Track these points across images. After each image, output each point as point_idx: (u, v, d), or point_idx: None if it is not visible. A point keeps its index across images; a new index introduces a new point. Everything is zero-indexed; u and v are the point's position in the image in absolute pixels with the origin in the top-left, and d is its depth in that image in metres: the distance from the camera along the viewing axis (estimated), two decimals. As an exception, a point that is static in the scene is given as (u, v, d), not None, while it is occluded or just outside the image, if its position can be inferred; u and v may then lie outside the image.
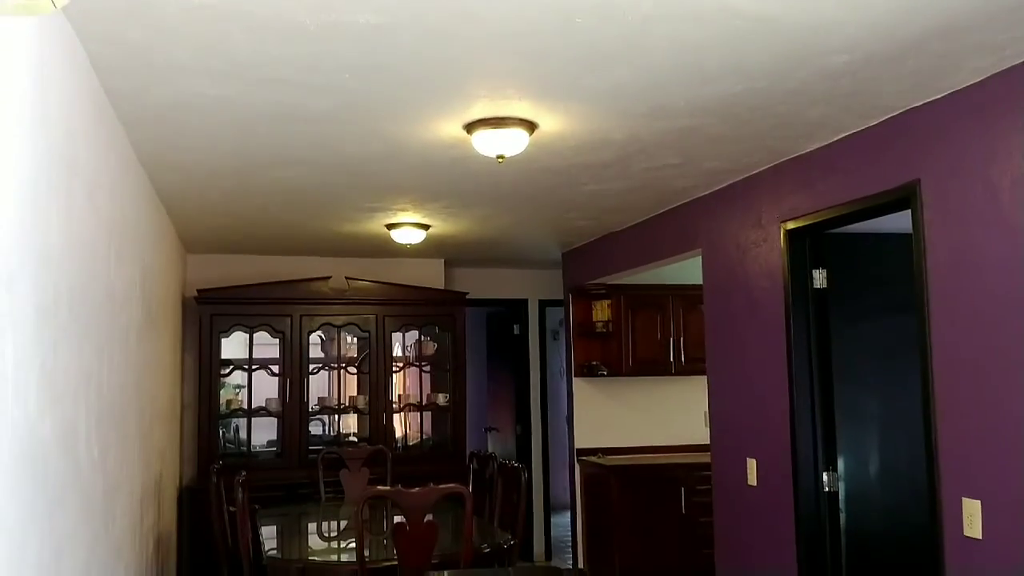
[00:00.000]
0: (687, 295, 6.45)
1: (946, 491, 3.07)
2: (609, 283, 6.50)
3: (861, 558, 3.86)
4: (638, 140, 3.69)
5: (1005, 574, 2.83)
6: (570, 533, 7.01)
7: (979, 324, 2.96)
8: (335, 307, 6.54)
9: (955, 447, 3.04)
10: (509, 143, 3.41)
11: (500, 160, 3.52)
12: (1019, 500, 2.79)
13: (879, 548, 3.86)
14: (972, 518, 2.95)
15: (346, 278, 6.58)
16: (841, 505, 3.88)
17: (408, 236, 5.51)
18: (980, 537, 2.92)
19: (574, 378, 6.84)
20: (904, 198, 3.30)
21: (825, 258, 3.99)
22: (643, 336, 6.58)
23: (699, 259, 4.90)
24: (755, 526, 4.27)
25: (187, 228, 5.58)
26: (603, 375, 6.66)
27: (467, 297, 6.89)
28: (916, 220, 3.23)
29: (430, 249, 6.51)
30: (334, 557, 4.39)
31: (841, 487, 3.89)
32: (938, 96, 3.14)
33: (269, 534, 4.69)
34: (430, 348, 7.03)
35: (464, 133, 3.46)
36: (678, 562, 6.01)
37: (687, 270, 5.57)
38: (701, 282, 4.87)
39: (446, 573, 3.28)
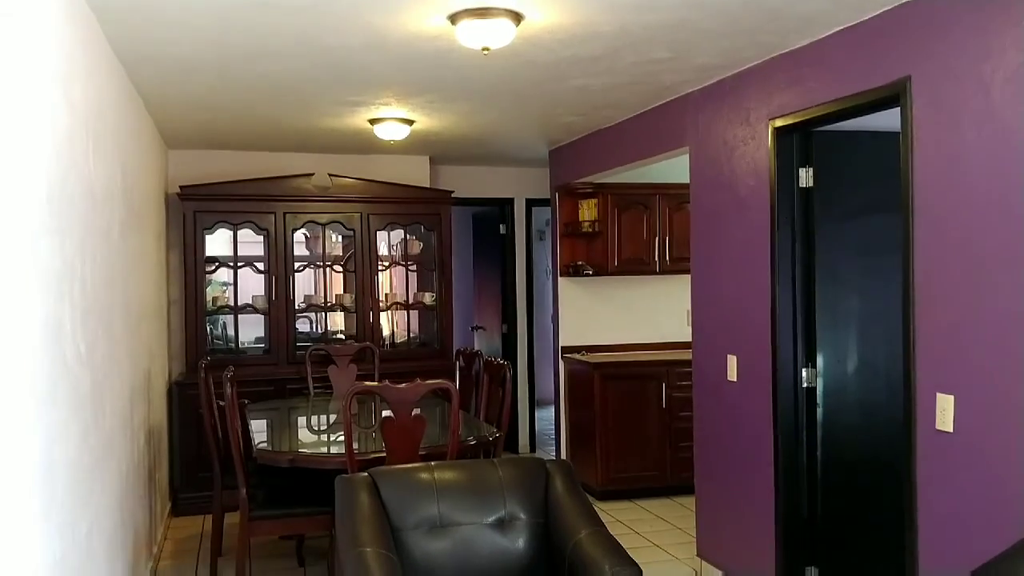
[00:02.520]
0: (674, 194, 6.44)
1: (921, 386, 3.14)
2: (596, 182, 6.46)
3: (836, 451, 3.98)
4: (627, 33, 3.61)
5: (974, 465, 2.93)
6: (554, 427, 7.18)
7: (963, 224, 2.97)
8: (319, 204, 6.49)
9: (932, 344, 3.10)
10: (494, 34, 3.32)
11: (485, 52, 3.44)
12: (991, 396, 2.87)
13: (854, 441, 3.98)
14: (945, 412, 3.03)
15: (329, 175, 6.51)
16: (818, 400, 3.98)
17: (391, 132, 5.42)
18: (951, 431, 3.01)
19: (560, 278, 6.88)
20: (894, 95, 3.26)
21: (812, 156, 3.97)
22: (629, 235, 6.59)
23: (687, 157, 4.86)
24: (733, 421, 4.38)
25: (167, 123, 5.47)
26: (588, 275, 6.70)
27: (453, 196, 6.84)
28: (905, 118, 3.20)
29: (414, 146, 6.42)
30: (324, 449, 4.49)
31: (819, 383, 3.98)
32: (934, -11, 3.06)
33: (259, 428, 4.78)
34: (416, 247, 7.02)
35: (448, 24, 3.37)
36: (657, 455, 6.19)
37: (674, 169, 5.54)
38: (688, 181, 4.85)
39: (433, 464, 3.36)
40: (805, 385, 3.98)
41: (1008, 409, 2.80)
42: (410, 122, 5.41)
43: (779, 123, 3.96)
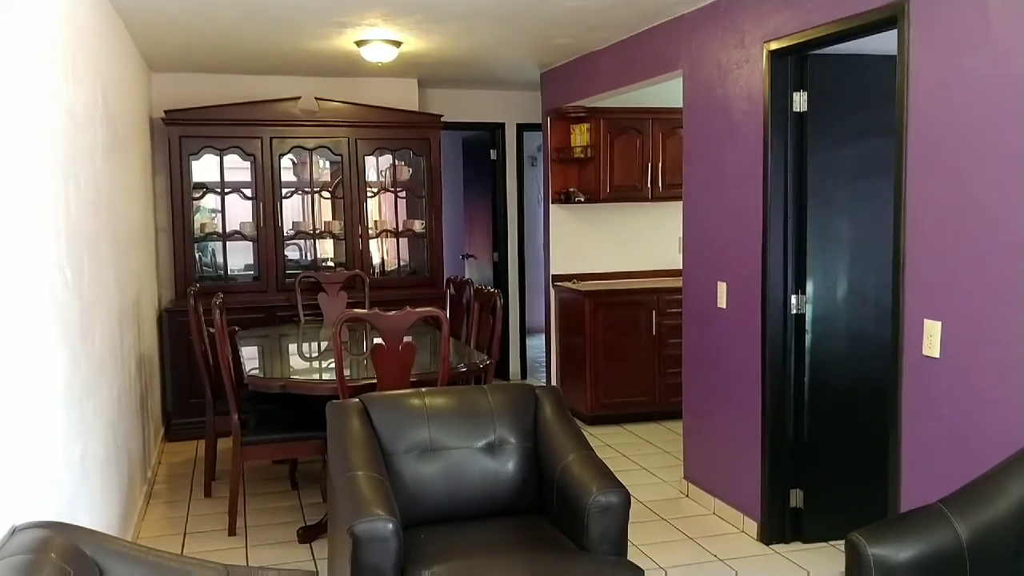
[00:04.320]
0: (667, 118, 6.35)
1: (909, 312, 3.16)
2: (589, 106, 6.36)
3: (823, 377, 4.02)
4: (620, -49, 3.50)
5: (958, 389, 2.97)
6: (544, 354, 7.23)
7: (957, 149, 2.94)
8: (306, 129, 6.38)
9: (922, 271, 3.10)
10: (484, -48, 3.22)
11: (474, -29, 3.34)
12: (978, 322, 2.88)
13: (841, 367, 4.02)
14: (932, 338, 3.05)
15: (316, 99, 6.39)
16: (807, 326, 4.00)
17: (379, 53, 5.30)
18: (938, 356, 3.03)
19: (551, 205, 6.83)
20: (891, 17, 3.19)
21: (806, 80, 3.91)
22: (622, 161, 6.51)
23: (680, 81, 4.78)
24: (722, 347, 4.41)
25: (149, 45, 5.33)
26: (580, 202, 6.65)
27: (442, 120, 6.73)
28: (902, 40, 3.14)
29: (403, 68, 6.30)
30: (315, 376, 4.51)
31: (808, 309, 3.99)
32: (938, -96, 2.97)
33: (250, 355, 4.79)
34: (405, 173, 6.95)
35: (436, -59, 3.26)
36: (646, 381, 6.25)
37: (668, 93, 5.45)
38: (681, 105, 4.77)
39: (424, 390, 3.38)
40: (794, 311, 4.00)
41: (994, 336, 2.81)
42: (398, 44, 5.29)
43: (774, 46, 3.88)
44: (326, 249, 7.16)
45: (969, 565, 2.27)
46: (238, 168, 6.45)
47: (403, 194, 7.01)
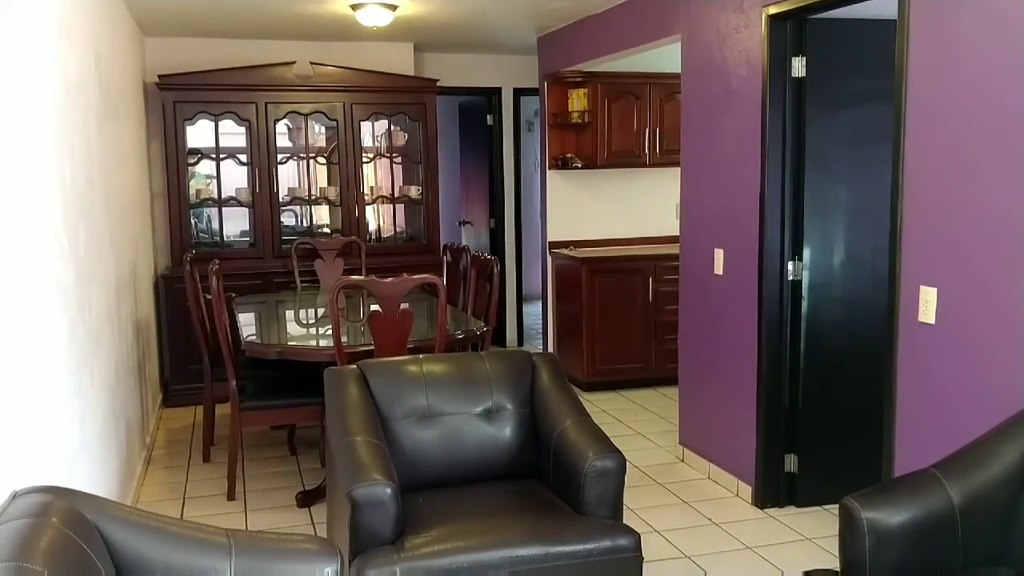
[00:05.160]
0: (665, 83, 6.32)
1: (905, 278, 3.16)
2: (586, 70, 6.31)
3: (819, 344, 4.03)
4: (619, -87, 3.45)
5: (952, 355, 2.98)
6: (541, 321, 7.25)
7: (955, 117, 2.93)
8: (301, 94, 6.33)
9: (918, 237, 3.10)
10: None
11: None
12: (973, 289, 2.89)
13: (837, 334, 4.03)
14: (928, 305, 3.06)
15: (311, 63, 6.33)
16: (804, 293, 4.00)
17: (374, 17, 5.24)
18: (933, 323, 3.04)
19: (548, 171, 6.81)
20: (893, -20, 3.15)
21: (805, 46, 3.87)
22: (619, 126, 6.47)
23: (678, 46, 4.74)
24: (719, 314, 4.42)
25: (142, 8, 5.27)
26: (577, 167, 6.62)
27: (438, 84, 6.68)
28: (902, 4, 3.11)
29: (398, 32, 6.23)
30: (312, 343, 4.52)
31: (805, 276, 3.99)
32: None
33: (247, 321, 4.80)
34: (400, 139, 6.90)
35: (432, -98, 3.21)
36: (643, 347, 6.27)
37: (666, 58, 5.41)
38: (680, 70, 4.74)
39: (421, 356, 3.39)
40: (791, 278, 4.01)
41: (989, 302, 2.82)
42: (393, 7, 5.23)
43: (773, 10, 3.85)
44: (322, 215, 7.14)
45: (961, 528, 2.30)
46: (233, 133, 6.41)
47: (399, 160, 6.98)
